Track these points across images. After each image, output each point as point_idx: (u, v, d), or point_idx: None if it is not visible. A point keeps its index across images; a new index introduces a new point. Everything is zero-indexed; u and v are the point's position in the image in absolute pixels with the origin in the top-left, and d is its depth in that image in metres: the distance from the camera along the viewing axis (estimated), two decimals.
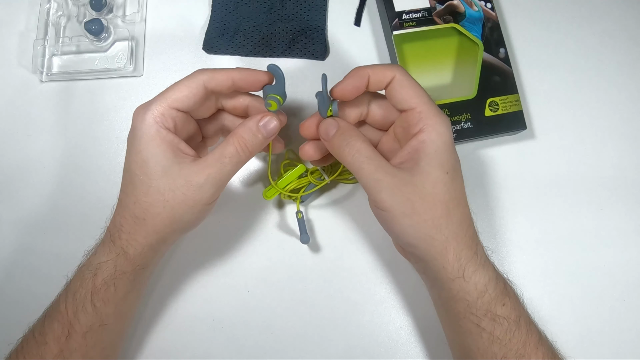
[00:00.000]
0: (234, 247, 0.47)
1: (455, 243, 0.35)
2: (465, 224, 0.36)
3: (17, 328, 0.38)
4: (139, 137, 0.35)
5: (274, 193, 0.45)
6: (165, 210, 0.36)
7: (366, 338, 0.45)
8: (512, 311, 0.36)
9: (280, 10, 0.51)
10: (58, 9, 0.51)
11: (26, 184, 0.48)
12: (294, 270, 0.46)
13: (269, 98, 0.38)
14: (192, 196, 0.36)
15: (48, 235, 0.47)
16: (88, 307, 0.36)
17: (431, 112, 0.35)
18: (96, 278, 0.37)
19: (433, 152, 0.35)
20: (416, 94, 0.36)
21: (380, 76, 0.36)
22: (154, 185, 0.35)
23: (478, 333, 0.36)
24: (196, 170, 0.36)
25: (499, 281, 0.36)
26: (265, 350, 0.45)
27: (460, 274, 0.36)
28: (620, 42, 0.52)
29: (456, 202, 0.36)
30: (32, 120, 0.49)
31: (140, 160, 0.35)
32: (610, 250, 0.48)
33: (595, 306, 0.46)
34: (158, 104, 0.36)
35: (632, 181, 0.49)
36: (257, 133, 0.38)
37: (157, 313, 0.45)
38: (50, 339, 0.36)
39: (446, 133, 0.35)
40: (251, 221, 0.47)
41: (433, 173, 0.35)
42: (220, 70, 0.37)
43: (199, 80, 0.36)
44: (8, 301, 0.46)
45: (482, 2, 0.49)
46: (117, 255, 0.37)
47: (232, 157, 0.36)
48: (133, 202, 0.36)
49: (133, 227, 0.36)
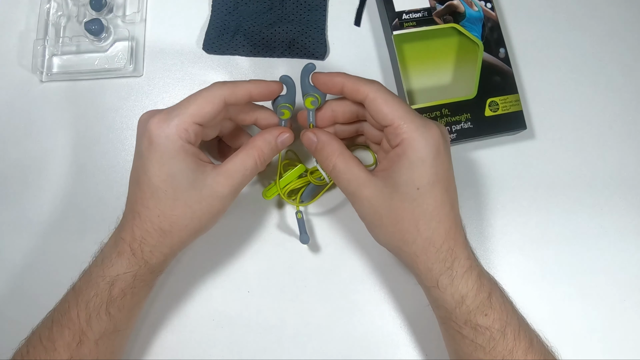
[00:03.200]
0: (234, 248, 0.47)
1: (424, 257, 0.36)
2: (438, 239, 0.36)
3: (17, 328, 0.38)
4: (162, 152, 0.35)
5: (273, 193, 0.45)
6: (192, 222, 0.37)
7: (366, 338, 0.45)
8: (496, 321, 0.36)
9: (280, 10, 0.51)
10: (58, 9, 0.51)
11: (26, 184, 0.48)
12: (294, 270, 0.46)
13: (283, 107, 0.40)
14: (217, 206, 0.37)
15: (48, 235, 0.47)
16: (103, 315, 0.36)
17: (409, 126, 0.35)
18: (113, 288, 0.36)
19: (405, 169, 0.35)
20: (392, 109, 0.35)
21: (353, 89, 0.37)
22: (181, 198, 0.36)
23: (461, 339, 0.37)
24: (221, 182, 0.37)
25: (481, 292, 0.36)
26: (265, 350, 0.45)
27: (434, 283, 0.36)
28: (620, 42, 0.52)
29: (427, 219, 0.35)
30: (32, 120, 0.49)
31: (164, 174, 0.35)
32: (610, 250, 0.48)
33: (596, 306, 0.46)
34: (180, 118, 0.35)
35: (632, 181, 0.49)
36: (275, 148, 0.40)
37: (158, 313, 0.45)
38: (60, 346, 0.36)
39: (424, 148, 0.34)
40: (251, 221, 0.47)
41: (402, 189, 0.35)
42: (239, 84, 0.37)
43: (220, 96, 0.36)
44: (7, 301, 0.46)
45: (482, 2, 0.49)
46: (139, 267, 0.37)
47: (252, 169, 0.38)
48: (157, 216, 0.36)
49: (158, 240, 0.37)
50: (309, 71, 0.39)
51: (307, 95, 0.39)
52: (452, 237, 0.36)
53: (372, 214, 0.37)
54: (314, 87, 0.39)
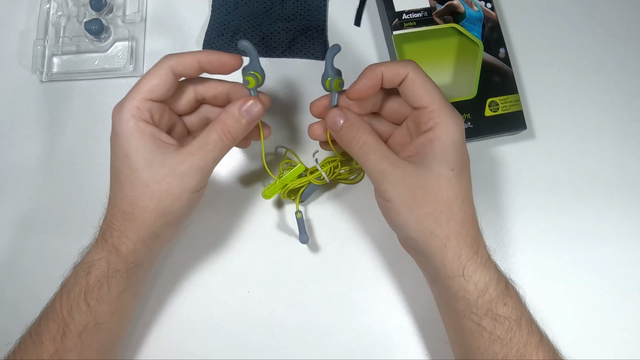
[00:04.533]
0: (234, 248, 0.47)
1: (455, 241, 0.36)
2: (467, 222, 0.36)
3: (15, 328, 0.38)
4: (118, 134, 0.36)
5: (273, 192, 0.45)
6: (152, 202, 0.36)
7: (366, 338, 0.45)
8: (514, 311, 0.36)
9: (280, 10, 0.51)
10: (58, 9, 0.51)
11: (26, 184, 0.48)
12: (294, 270, 0.46)
13: (247, 75, 0.37)
14: (177, 185, 0.36)
15: (47, 235, 0.47)
16: (82, 306, 0.36)
17: (442, 111, 0.36)
18: (89, 276, 0.37)
19: (440, 150, 0.35)
20: (428, 92, 0.36)
21: (393, 74, 0.36)
22: (138, 177, 0.36)
23: (479, 332, 0.36)
24: (179, 160, 0.36)
25: (500, 281, 0.36)
26: (265, 350, 0.45)
27: (460, 272, 0.36)
28: (620, 42, 0.52)
29: (460, 200, 0.36)
30: (32, 120, 0.49)
31: (122, 155, 0.36)
32: (610, 250, 0.47)
33: (596, 306, 0.46)
34: (131, 97, 0.36)
35: (632, 181, 0.49)
36: (241, 118, 0.37)
37: (157, 313, 0.45)
38: (46, 339, 0.36)
39: (456, 132, 0.36)
40: (251, 222, 0.47)
41: (437, 169, 0.35)
42: (186, 53, 0.37)
43: (166, 67, 0.36)
44: (6, 301, 0.46)
45: (482, 2, 0.49)
46: (110, 252, 0.37)
47: (215, 143, 0.36)
48: (120, 199, 0.36)
49: (123, 224, 0.37)
50: (335, 52, 0.38)
51: (334, 77, 0.38)
52: (476, 224, 0.37)
53: (405, 194, 0.35)
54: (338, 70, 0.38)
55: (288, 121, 0.49)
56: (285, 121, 0.49)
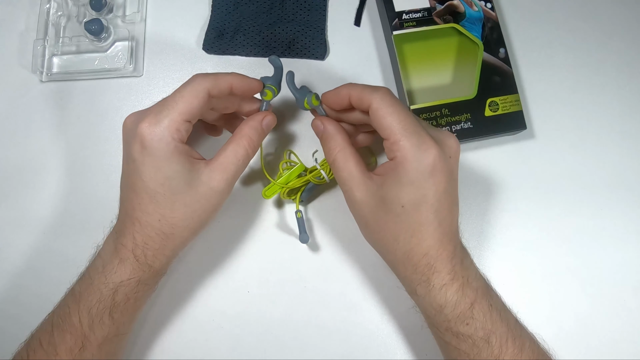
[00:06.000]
0: (234, 248, 0.47)
1: (402, 267, 0.37)
2: (416, 255, 0.36)
3: (16, 328, 0.38)
4: (156, 155, 0.34)
5: (273, 192, 0.45)
6: (193, 221, 0.37)
7: (366, 338, 0.45)
8: (479, 330, 0.35)
9: (280, 10, 0.51)
10: (58, 9, 0.51)
11: (26, 184, 0.48)
12: (294, 270, 0.46)
13: (267, 88, 0.40)
14: (215, 201, 0.37)
15: (47, 235, 0.47)
16: (106, 320, 0.36)
17: (405, 145, 0.34)
18: (117, 294, 0.36)
19: (394, 184, 0.35)
20: (389, 125, 0.34)
21: (358, 100, 0.37)
22: (179, 199, 0.36)
23: (445, 344, 0.37)
24: (216, 177, 0.37)
25: (461, 304, 0.35)
26: (265, 350, 0.45)
27: (413, 291, 0.37)
28: (620, 42, 0.52)
29: (408, 235, 0.35)
30: (32, 120, 0.49)
31: (161, 178, 0.35)
32: (610, 250, 0.47)
33: (596, 306, 0.46)
34: (170, 118, 0.35)
35: (632, 181, 0.49)
36: (262, 133, 0.40)
37: (158, 314, 0.45)
38: (62, 350, 0.35)
39: (414, 170, 0.34)
40: (251, 221, 0.47)
41: (388, 202, 0.35)
42: (221, 76, 0.37)
43: (204, 89, 0.36)
44: (5, 301, 0.46)
45: (482, 2, 0.49)
46: (143, 271, 0.37)
47: (244, 158, 0.38)
48: (158, 220, 0.36)
49: (160, 244, 0.37)
50: (291, 78, 0.41)
51: (305, 96, 0.40)
52: (433, 254, 0.36)
53: (360, 217, 0.38)
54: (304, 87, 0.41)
55: (286, 121, 0.49)
56: (284, 121, 0.49)
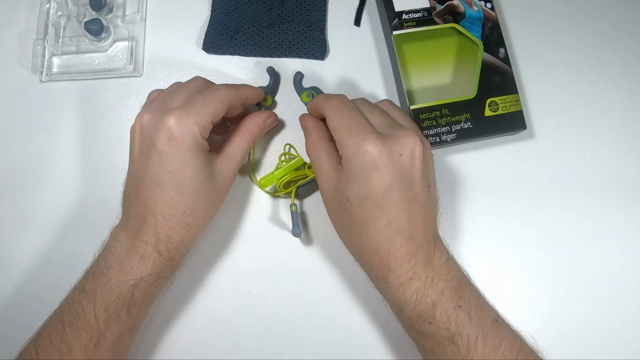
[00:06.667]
0: (234, 248, 0.47)
1: (360, 262, 0.39)
2: (367, 251, 0.37)
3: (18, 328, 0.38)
4: (185, 147, 0.37)
5: (269, 182, 0.45)
6: (211, 210, 0.40)
7: (366, 337, 0.45)
8: (442, 330, 0.35)
9: (280, 10, 0.51)
10: (58, 9, 0.51)
11: (25, 184, 0.48)
12: (294, 270, 0.46)
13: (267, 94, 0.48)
14: (226, 189, 0.42)
15: (47, 235, 0.47)
16: (123, 316, 0.37)
17: (347, 144, 0.36)
18: (136, 290, 0.37)
19: (342, 179, 0.37)
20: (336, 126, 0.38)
21: (320, 110, 0.41)
22: (202, 190, 0.38)
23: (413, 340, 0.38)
24: (227, 167, 0.41)
25: (421, 304, 0.35)
26: (265, 350, 0.45)
27: (376, 286, 0.39)
28: (620, 42, 0.52)
29: (357, 230, 0.37)
30: (32, 120, 0.50)
31: (189, 169, 0.37)
32: (611, 251, 0.47)
33: (596, 307, 0.46)
34: (201, 116, 0.37)
35: (632, 181, 0.49)
36: (263, 129, 0.44)
37: (156, 313, 0.45)
38: (75, 348, 0.35)
39: (355, 166, 0.36)
40: (251, 222, 0.47)
41: (339, 196, 0.38)
42: (240, 89, 0.41)
43: (229, 100, 0.40)
44: (8, 301, 0.46)
45: (482, 2, 0.49)
46: (166, 266, 0.38)
47: (246, 149, 0.42)
48: (183, 212, 0.38)
49: (184, 235, 0.38)
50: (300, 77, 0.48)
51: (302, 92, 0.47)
52: (384, 251, 0.36)
53: (327, 209, 0.41)
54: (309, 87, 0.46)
55: (287, 116, 0.49)
56: (284, 119, 0.49)
